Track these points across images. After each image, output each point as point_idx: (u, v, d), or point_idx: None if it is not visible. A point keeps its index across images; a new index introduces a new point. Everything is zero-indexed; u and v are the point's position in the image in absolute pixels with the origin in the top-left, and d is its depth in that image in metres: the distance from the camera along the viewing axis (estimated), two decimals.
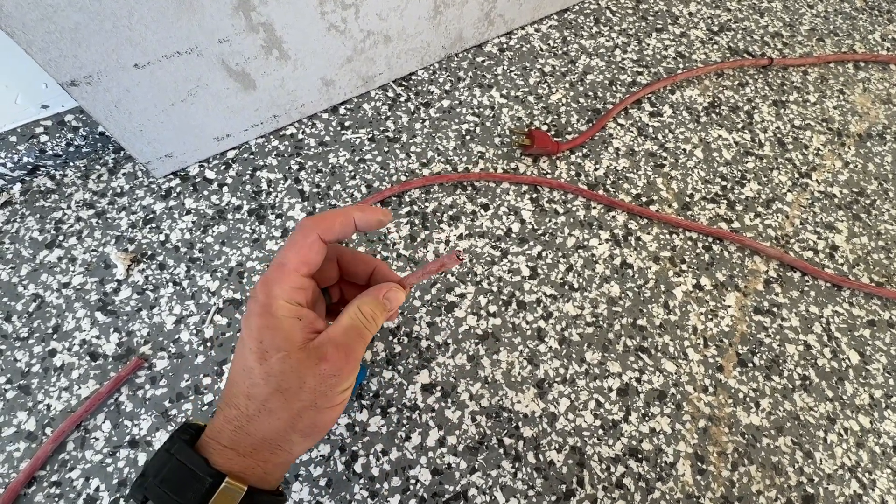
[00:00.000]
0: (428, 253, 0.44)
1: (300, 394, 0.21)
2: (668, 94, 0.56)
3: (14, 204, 0.44)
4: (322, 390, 0.22)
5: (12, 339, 0.39)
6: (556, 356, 0.41)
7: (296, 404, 0.21)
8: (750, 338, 0.43)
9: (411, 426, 0.37)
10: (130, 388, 0.38)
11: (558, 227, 0.46)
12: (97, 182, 0.46)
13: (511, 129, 0.51)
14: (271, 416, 0.22)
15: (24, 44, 0.32)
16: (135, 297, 0.41)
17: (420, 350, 0.40)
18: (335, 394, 0.22)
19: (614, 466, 0.37)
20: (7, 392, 0.37)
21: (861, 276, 0.47)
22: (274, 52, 0.42)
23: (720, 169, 0.51)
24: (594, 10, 0.62)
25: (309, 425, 0.22)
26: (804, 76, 0.60)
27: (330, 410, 0.22)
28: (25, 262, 0.42)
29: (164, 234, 0.44)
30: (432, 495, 0.35)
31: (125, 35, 0.35)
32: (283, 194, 0.46)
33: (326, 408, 0.22)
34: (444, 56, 0.56)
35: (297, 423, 0.22)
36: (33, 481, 0.34)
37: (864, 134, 0.56)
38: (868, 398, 0.41)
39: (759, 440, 0.39)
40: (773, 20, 0.64)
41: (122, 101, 0.38)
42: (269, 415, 0.22)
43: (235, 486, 0.21)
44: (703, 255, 0.46)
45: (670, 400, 0.40)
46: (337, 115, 0.51)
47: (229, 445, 0.22)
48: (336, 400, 0.22)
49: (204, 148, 0.46)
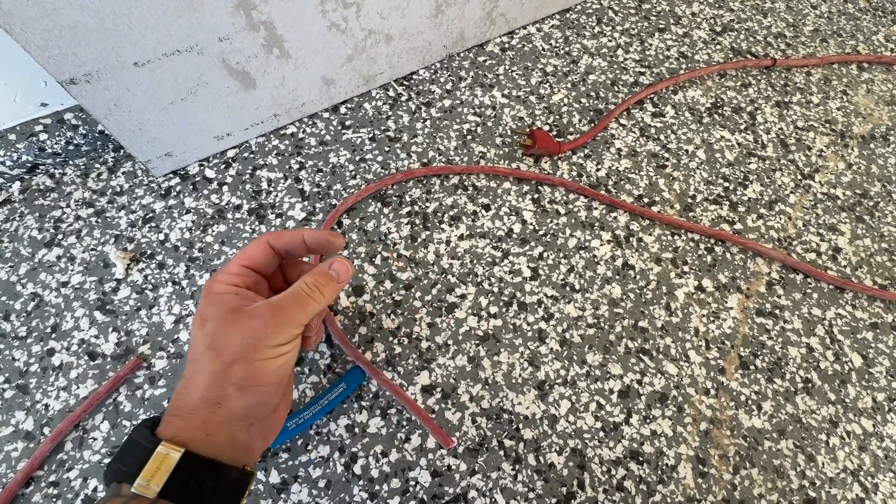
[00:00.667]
0: (429, 253, 0.44)
1: (230, 347, 0.23)
2: (670, 94, 0.56)
3: (13, 202, 0.44)
4: (251, 343, 0.23)
5: (10, 338, 0.39)
6: (557, 358, 0.40)
7: (226, 357, 0.23)
8: (752, 340, 0.43)
9: (411, 428, 0.37)
10: (129, 388, 0.37)
11: (560, 227, 0.46)
12: (96, 181, 0.46)
13: (513, 129, 0.51)
14: (204, 371, 0.24)
15: (23, 42, 0.32)
16: (134, 297, 0.41)
17: (420, 351, 0.40)
18: (265, 347, 0.24)
19: (615, 469, 0.37)
20: (5, 391, 0.37)
21: (864, 278, 0.46)
22: (275, 51, 0.42)
23: (723, 170, 0.51)
24: (596, 10, 0.62)
25: (242, 377, 0.23)
26: (807, 77, 0.59)
27: (262, 364, 0.24)
28: (24, 261, 0.42)
29: (164, 233, 0.44)
30: (432, 497, 0.35)
31: (125, 33, 0.34)
32: (283, 194, 0.46)
33: (258, 360, 0.24)
34: (445, 55, 0.55)
35: (229, 375, 0.23)
36: (31, 481, 0.34)
37: (867, 135, 0.56)
38: (871, 401, 0.41)
39: (761, 443, 0.39)
40: (777, 21, 0.64)
41: (121, 99, 0.38)
42: (203, 371, 0.24)
43: (170, 448, 0.22)
44: (706, 257, 0.46)
45: (672, 402, 0.39)
46: (338, 115, 0.51)
47: (174, 413, 0.24)
48: (267, 353, 0.24)
49: (204, 147, 0.46)
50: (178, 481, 0.22)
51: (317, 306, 0.26)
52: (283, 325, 0.24)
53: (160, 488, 0.21)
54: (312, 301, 0.26)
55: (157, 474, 0.21)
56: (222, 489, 0.23)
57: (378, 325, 0.40)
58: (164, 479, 0.21)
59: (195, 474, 0.22)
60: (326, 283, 0.27)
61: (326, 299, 0.27)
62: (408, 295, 0.42)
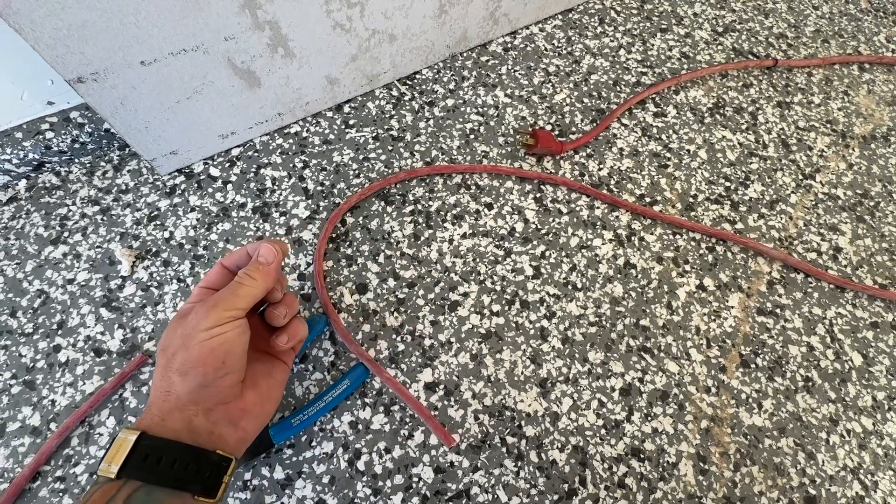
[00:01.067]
0: (431, 251, 0.44)
1: (173, 342, 0.27)
2: (672, 94, 0.56)
3: (19, 200, 0.45)
4: (187, 332, 0.27)
5: (17, 334, 0.39)
6: (559, 356, 0.41)
7: (170, 351, 0.27)
8: (753, 339, 0.43)
9: (414, 424, 0.37)
10: (134, 385, 0.38)
11: (562, 226, 0.46)
12: (102, 179, 0.46)
13: (515, 129, 0.52)
14: (157, 368, 0.27)
15: (31, 40, 0.32)
16: (139, 294, 0.41)
17: (423, 348, 0.40)
18: (198, 332, 0.26)
19: (616, 466, 0.37)
20: (12, 387, 0.37)
21: (864, 278, 0.47)
22: (279, 51, 0.42)
23: (724, 170, 0.51)
24: (599, 11, 0.62)
25: (182, 363, 0.26)
26: (809, 77, 0.60)
27: (198, 346, 0.26)
28: (30, 258, 0.42)
29: (169, 231, 0.44)
30: (435, 493, 0.35)
31: (132, 32, 0.35)
32: (287, 192, 0.46)
33: (193, 345, 0.26)
34: (448, 55, 0.56)
35: (171, 364, 0.27)
36: (38, 476, 0.34)
37: (868, 136, 0.56)
38: (871, 400, 0.41)
39: (762, 441, 0.39)
40: (778, 21, 0.64)
41: (128, 98, 0.38)
42: (157, 369, 0.27)
43: (128, 433, 0.25)
44: (707, 256, 0.46)
45: (673, 400, 0.40)
46: (341, 114, 0.51)
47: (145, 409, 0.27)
48: (200, 337, 0.26)
49: (209, 145, 0.47)
50: (136, 460, 0.24)
51: (249, 290, 0.29)
52: (213, 308, 0.27)
53: (118, 468, 0.24)
54: (243, 286, 0.29)
55: (115, 456, 0.24)
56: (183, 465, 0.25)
57: (381, 322, 0.41)
58: (121, 460, 0.24)
59: (153, 453, 0.25)
60: (255, 269, 0.29)
61: (259, 282, 0.29)
62: (411, 293, 0.42)
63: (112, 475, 0.24)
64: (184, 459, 0.25)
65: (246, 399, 0.29)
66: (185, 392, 0.27)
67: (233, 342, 0.27)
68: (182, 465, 0.25)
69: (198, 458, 0.26)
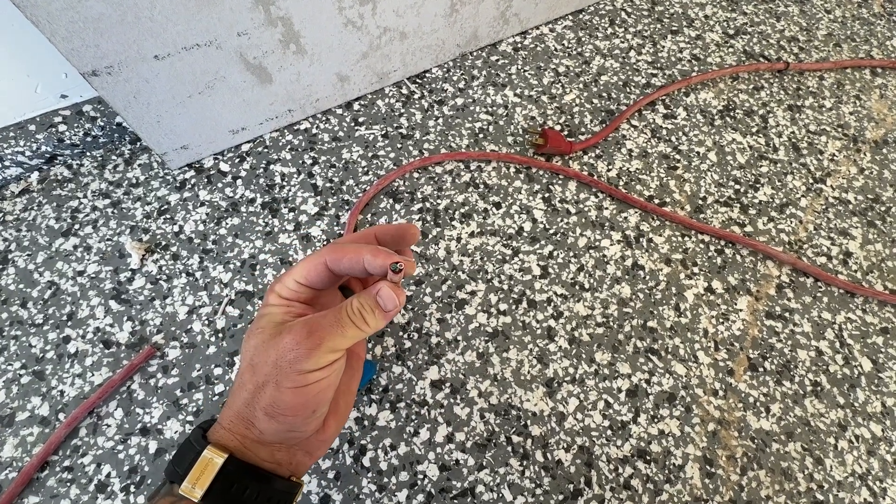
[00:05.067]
0: (439, 249, 0.44)
1: (264, 367, 0.23)
2: (682, 96, 0.56)
3: (31, 192, 0.45)
4: (281, 365, 0.22)
5: (27, 325, 0.39)
6: (566, 356, 0.40)
7: (260, 377, 0.23)
8: (761, 342, 0.43)
9: (420, 421, 0.37)
10: (143, 377, 0.38)
11: (570, 226, 0.46)
12: (113, 172, 0.46)
13: (524, 129, 0.51)
14: (242, 388, 0.23)
15: (48, 33, 0.32)
16: (148, 287, 0.41)
17: (430, 346, 0.40)
18: (293, 371, 0.22)
19: (622, 467, 0.37)
20: (22, 377, 0.37)
21: (875, 283, 0.46)
22: (291, 47, 0.43)
23: (734, 172, 0.51)
24: (609, 11, 0.62)
25: (270, 403, 0.22)
26: (820, 81, 0.59)
27: (291, 392, 0.22)
28: (42, 250, 0.42)
29: (179, 225, 0.44)
30: (440, 491, 0.35)
31: (146, 26, 0.35)
32: (296, 188, 0.46)
33: (287, 388, 0.22)
34: (458, 54, 0.56)
35: (259, 398, 0.23)
36: (46, 466, 0.35)
37: (879, 140, 0.55)
38: (880, 406, 0.41)
39: (769, 445, 0.39)
40: (790, 24, 0.64)
41: (141, 91, 0.39)
42: (241, 388, 0.23)
43: (214, 453, 0.22)
44: (716, 259, 0.46)
45: (680, 402, 0.39)
46: (351, 111, 0.51)
47: (221, 419, 0.24)
48: (297, 380, 0.22)
49: (219, 140, 0.47)
50: (222, 487, 0.22)
51: (358, 333, 0.23)
52: (317, 349, 0.22)
53: (203, 492, 0.22)
54: (353, 327, 0.23)
55: (201, 478, 0.22)
56: (265, 498, 0.23)
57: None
58: (207, 484, 0.22)
59: (239, 481, 0.22)
60: (371, 311, 0.24)
61: (370, 327, 0.24)
62: (418, 290, 0.42)
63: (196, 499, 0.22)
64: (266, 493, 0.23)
65: (327, 431, 0.27)
66: (271, 433, 0.23)
67: (331, 387, 0.24)
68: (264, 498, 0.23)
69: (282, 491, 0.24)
